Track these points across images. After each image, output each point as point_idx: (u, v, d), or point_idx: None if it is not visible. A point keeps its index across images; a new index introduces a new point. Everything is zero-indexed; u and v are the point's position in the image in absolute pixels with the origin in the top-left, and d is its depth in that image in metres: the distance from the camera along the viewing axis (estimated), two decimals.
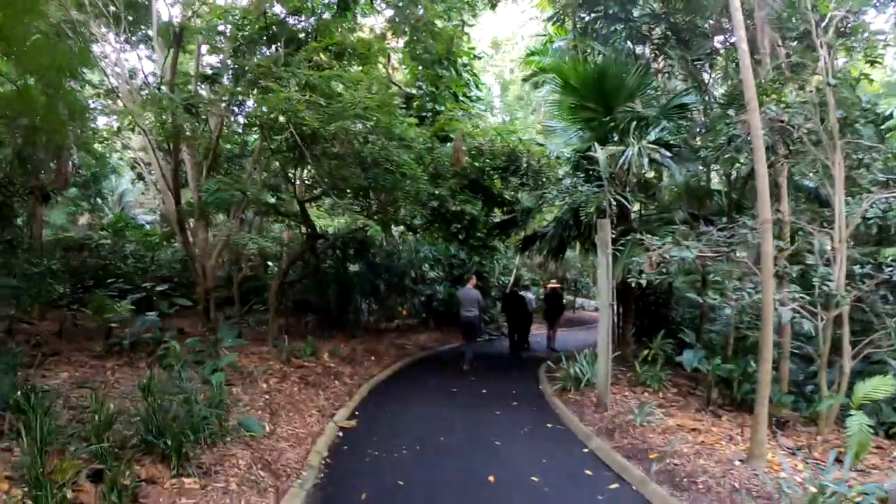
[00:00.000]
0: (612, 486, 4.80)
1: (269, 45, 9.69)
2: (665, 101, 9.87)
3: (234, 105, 9.49)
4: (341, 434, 6.17)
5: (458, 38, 13.30)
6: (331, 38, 9.10)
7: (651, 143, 8.49)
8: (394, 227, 14.14)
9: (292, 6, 9.39)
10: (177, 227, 10.26)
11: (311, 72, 7.92)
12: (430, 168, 10.52)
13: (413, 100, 13.09)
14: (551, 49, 13.19)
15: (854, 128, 6.49)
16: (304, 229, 11.83)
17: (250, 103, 9.54)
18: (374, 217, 9.98)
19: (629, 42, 11.22)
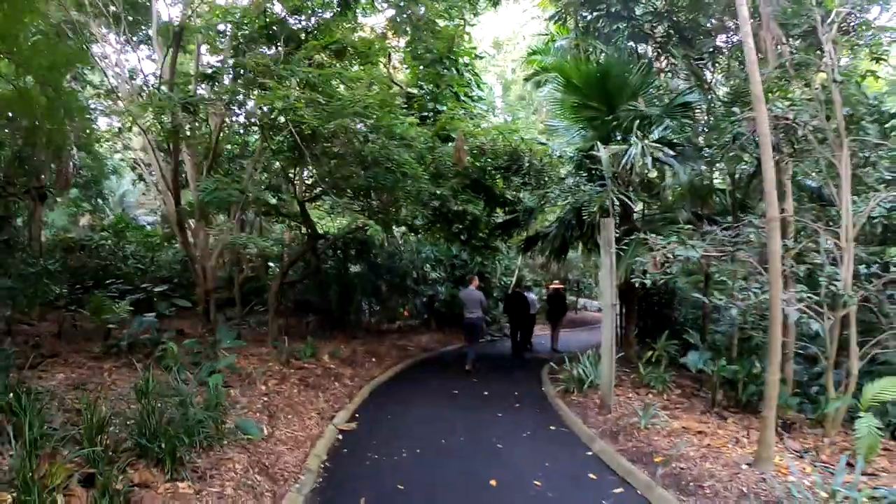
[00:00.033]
0: (617, 490, 4.71)
1: (269, 44, 9.63)
2: (668, 100, 9.78)
3: (233, 104, 9.41)
4: (341, 437, 6.08)
5: (459, 38, 13.24)
6: (331, 36, 9.02)
7: (654, 141, 8.39)
8: (395, 228, 14.06)
9: (292, 5, 9.32)
10: (176, 228, 10.22)
11: (310, 69, 7.84)
12: (432, 167, 10.44)
13: (414, 99, 13.01)
14: (553, 48, 13.10)
15: (860, 125, 6.40)
16: (305, 230, 11.76)
17: (251, 104, 9.49)
18: (376, 217, 9.90)
19: (631, 41, 11.14)
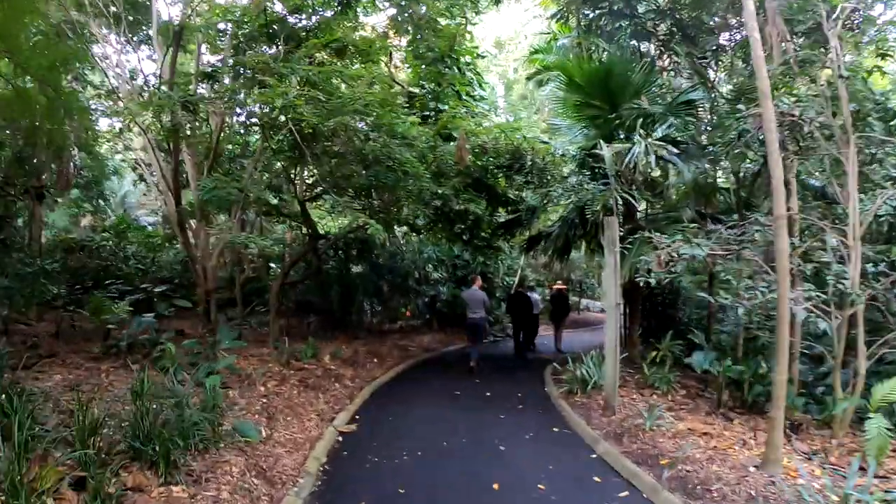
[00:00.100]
0: (622, 493, 4.60)
1: (270, 43, 9.57)
2: (671, 98, 9.70)
3: (234, 103, 9.35)
4: (341, 439, 6.00)
5: (460, 37, 13.16)
6: (331, 34, 8.95)
7: (658, 140, 8.31)
8: (397, 228, 13.99)
9: (293, 4, 9.26)
10: (177, 228, 10.18)
11: (310, 67, 7.77)
12: (433, 166, 10.36)
13: (416, 98, 12.93)
14: (555, 47, 13.04)
15: (867, 121, 6.29)
16: (306, 230, 11.69)
17: (251, 103, 9.43)
18: (377, 216, 9.83)
19: (634, 39, 11.06)
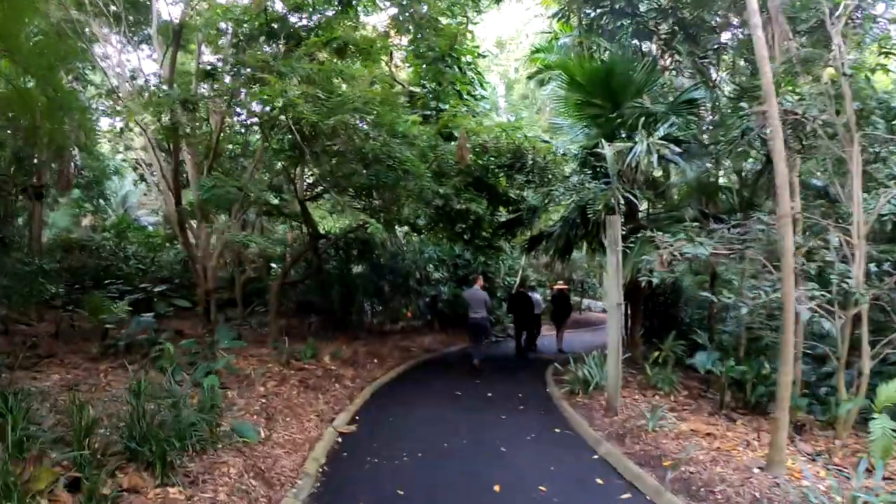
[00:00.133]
0: (625, 495, 4.54)
1: (270, 42, 9.53)
2: (672, 98, 9.65)
3: (234, 102, 9.30)
4: (340, 440, 5.94)
5: (461, 36, 13.12)
6: (332, 33, 8.91)
7: (660, 139, 8.25)
8: (398, 228, 13.94)
9: (293, 3, 9.22)
10: (177, 228, 10.15)
11: (310, 64, 7.72)
12: (434, 166, 10.32)
13: (417, 97, 12.90)
14: (556, 46, 13.00)
15: (870, 120, 6.24)
16: (306, 229, 11.65)
17: (252, 104, 9.39)
18: (377, 216, 9.78)
19: (635, 38, 11.02)
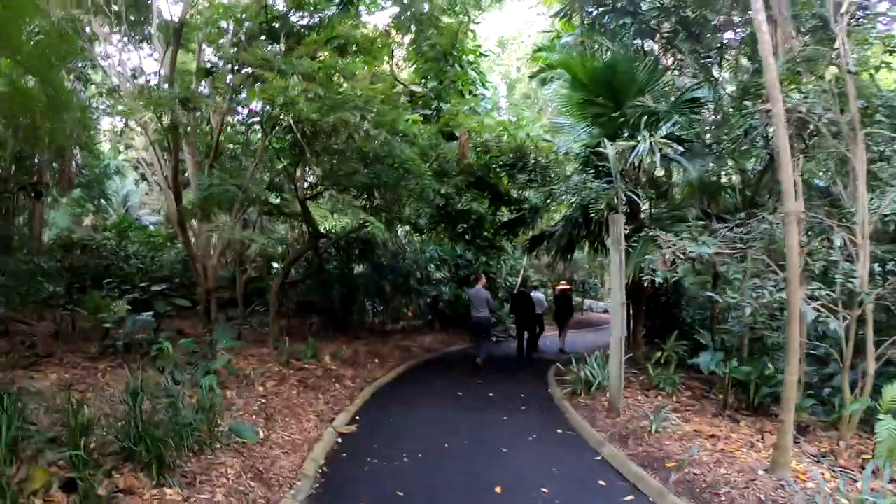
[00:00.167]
0: (628, 497, 4.49)
1: (270, 41, 9.49)
2: (675, 97, 9.58)
3: (234, 101, 9.26)
4: (340, 440, 5.88)
5: (463, 34, 13.09)
6: (332, 31, 8.87)
7: (663, 137, 8.19)
8: (399, 228, 13.90)
9: (295, 1, 9.19)
10: (177, 227, 10.11)
11: (310, 62, 7.68)
12: (435, 165, 10.28)
13: (418, 96, 12.86)
14: (558, 45, 12.96)
15: (874, 118, 6.17)
16: (307, 228, 11.61)
17: (253, 102, 9.35)
18: (379, 215, 9.74)
19: (638, 37, 10.96)
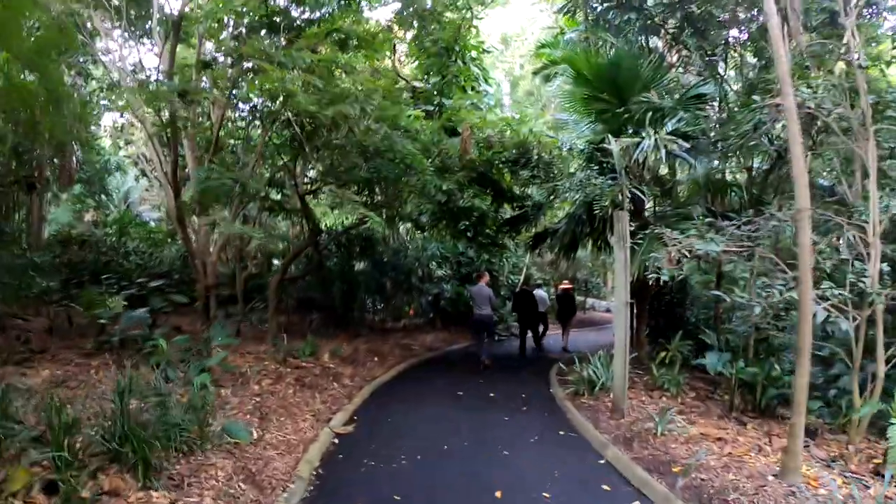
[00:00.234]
0: (633, 503, 4.35)
1: (271, 35, 9.38)
2: (679, 94, 9.45)
3: (233, 94, 9.14)
4: (337, 441, 5.74)
5: (465, 30, 12.97)
6: (332, 24, 8.75)
7: (668, 134, 8.05)
8: (401, 225, 13.79)
9: None
10: (176, 223, 10.00)
11: (310, 54, 7.56)
12: (437, 161, 10.16)
13: (420, 91, 12.74)
14: (562, 41, 12.81)
15: (885, 115, 6.01)
16: (307, 225, 11.50)
17: (253, 97, 9.23)
18: (378, 211, 9.63)
19: (642, 33, 10.81)
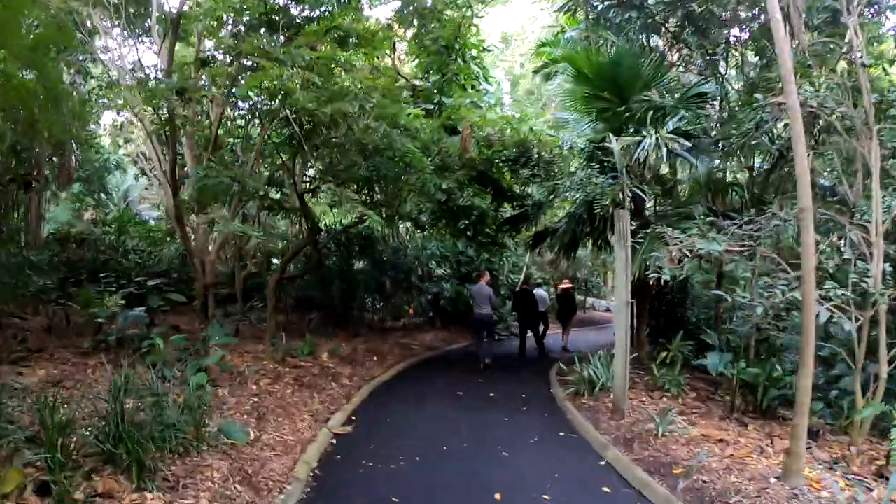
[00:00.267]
0: None
1: (270, 33, 9.34)
2: (680, 93, 9.41)
3: (232, 92, 9.09)
4: (335, 441, 5.70)
5: (465, 29, 12.92)
6: (331, 21, 8.70)
7: (669, 133, 8.00)
8: (400, 224, 13.74)
9: None
10: (175, 222, 9.96)
11: (309, 52, 7.51)
12: (437, 159, 10.12)
13: (419, 89, 12.68)
14: (563, 40, 12.74)
15: (888, 114, 5.97)
16: (306, 223, 11.45)
17: (251, 94, 9.19)
18: (378, 210, 9.58)
19: (643, 32, 10.76)
